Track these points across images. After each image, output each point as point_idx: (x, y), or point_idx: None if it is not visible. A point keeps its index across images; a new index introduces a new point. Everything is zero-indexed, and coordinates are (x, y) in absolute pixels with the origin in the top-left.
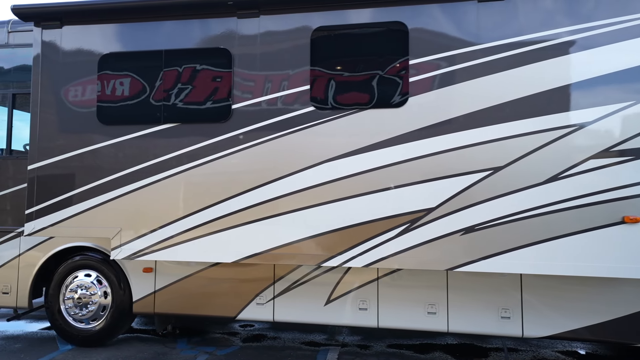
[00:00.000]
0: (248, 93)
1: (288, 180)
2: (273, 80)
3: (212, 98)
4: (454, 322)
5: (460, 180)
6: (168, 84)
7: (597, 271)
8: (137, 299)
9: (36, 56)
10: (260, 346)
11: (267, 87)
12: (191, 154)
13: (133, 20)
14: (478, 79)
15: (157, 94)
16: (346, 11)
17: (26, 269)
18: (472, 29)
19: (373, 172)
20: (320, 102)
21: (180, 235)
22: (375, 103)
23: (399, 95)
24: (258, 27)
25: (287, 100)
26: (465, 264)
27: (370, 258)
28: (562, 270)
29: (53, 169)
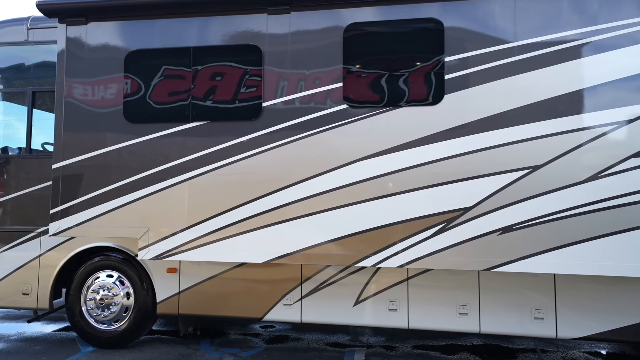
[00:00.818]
0: (279, 91)
1: (320, 180)
2: (304, 77)
3: (242, 96)
4: (486, 322)
5: (497, 179)
6: (197, 81)
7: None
8: (161, 300)
9: (60, 53)
10: (285, 347)
11: (299, 84)
12: (220, 152)
13: (160, 17)
14: (515, 76)
15: (185, 92)
16: (380, 7)
17: (47, 270)
18: (509, 25)
19: (408, 171)
20: (353, 100)
21: (210, 235)
22: (409, 101)
23: (434, 93)
24: (289, 24)
25: (319, 98)
26: (503, 264)
27: (405, 258)
28: (601, 270)
29: (78, 168)
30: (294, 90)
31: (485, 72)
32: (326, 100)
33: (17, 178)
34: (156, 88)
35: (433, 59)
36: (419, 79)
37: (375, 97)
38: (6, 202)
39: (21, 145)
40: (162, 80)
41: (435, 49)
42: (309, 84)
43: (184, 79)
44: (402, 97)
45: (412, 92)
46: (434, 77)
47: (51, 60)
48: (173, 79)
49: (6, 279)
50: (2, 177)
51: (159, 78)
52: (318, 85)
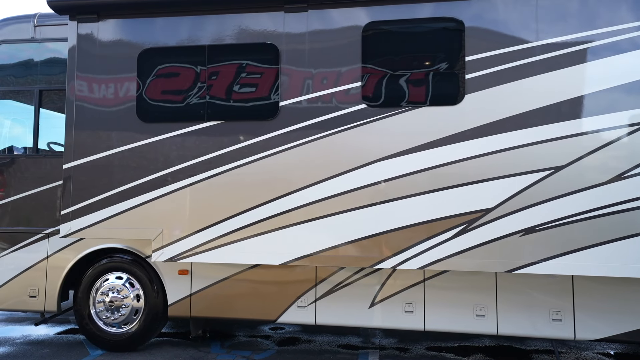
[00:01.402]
0: (296, 90)
1: (339, 180)
2: (322, 76)
3: (258, 95)
4: (504, 324)
5: (519, 180)
6: (212, 80)
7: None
8: (173, 302)
9: (71, 51)
10: (297, 350)
11: (316, 83)
12: (236, 152)
13: (174, 14)
14: (537, 76)
15: (200, 91)
16: (399, 6)
17: (55, 272)
18: (531, 25)
19: (428, 172)
20: (372, 99)
21: (226, 236)
22: (429, 100)
23: (455, 92)
24: (306, 22)
25: (338, 98)
26: (526, 265)
27: (425, 260)
28: (626, 272)
29: (90, 168)
30: (312, 90)
31: (507, 72)
32: (345, 100)
33: (23, 178)
34: (171, 87)
35: (453, 58)
36: (439, 78)
37: (395, 97)
38: (12, 203)
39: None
40: (176, 79)
41: (456, 49)
42: (327, 83)
43: (199, 77)
44: (422, 96)
45: (432, 91)
46: (455, 77)
47: (58, 58)
48: (188, 78)
49: (12, 281)
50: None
51: (173, 77)
52: (336, 85)
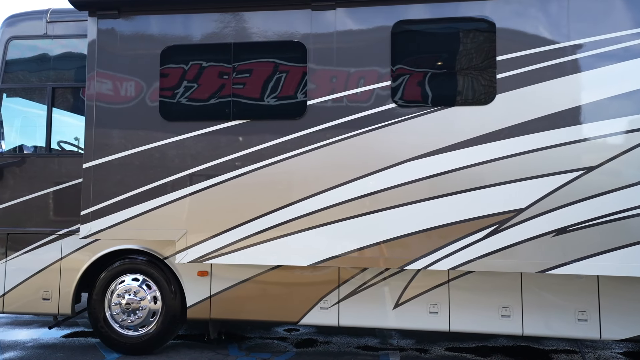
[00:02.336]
0: (324, 89)
1: (368, 180)
2: (350, 75)
3: (285, 94)
4: (529, 325)
5: (551, 180)
6: (237, 78)
7: None
8: (192, 304)
9: (91, 48)
10: (316, 351)
11: (345, 82)
12: (262, 152)
13: (198, 11)
14: (568, 76)
15: (225, 89)
16: (429, 5)
17: (69, 274)
18: (562, 25)
19: (459, 172)
20: (402, 99)
21: (252, 237)
22: (460, 100)
23: (486, 92)
24: (334, 20)
25: (366, 97)
26: (558, 266)
27: (456, 260)
28: None
29: (111, 168)
30: (340, 89)
31: (538, 72)
32: (374, 99)
33: (35, 178)
34: (195, 85)
35: (484, 58)
36: (470, 78)
37: (425, 97)
38: (24, 204)
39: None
40: (200, 77)
41: (487, 48)
42: (355, 82)
43: (224, 76)
44: (452, 96)
45: (463, 91)
46: (486, 77)
47: (72, 55)
48: (212, 76)
49: (25, 284)
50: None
51: (197, 75)
52: (365, 84)
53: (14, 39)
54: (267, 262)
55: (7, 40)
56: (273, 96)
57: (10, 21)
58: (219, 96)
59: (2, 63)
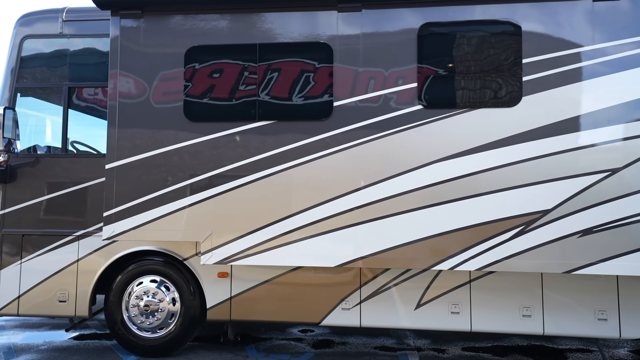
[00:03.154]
0: (351, 90)
1: (395, 181)
2: (377, 77)
3: (311, 95)
4: (550, 324)
5: (578, 181)
6: (263, 79)
7: None
8: (212, 305)
9: (114, 47)
10: (335, 352)
11: (371, 84)
12: (289, 153)
13: (223, 12)
14: (594, 79)
15: (250, 90)
16: (455, 7)
17: (86, 275)
18: (586, 28)
19: (485, 173)
20: (428, 100)
21: (278, 238)
22: (486, 102)
23: (512, 94)
24: (361, 22)
25: (393, 98)
26: (584, 266)
27: (484, 261)
28: None
29: (134, 169)
30: (367, 90)
31: (564, 74)
32: (400, 101)
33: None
34: (220, 85)
35: (510, 60)
36: (496, 80)
37: (451, 98)
38: (40, 205)
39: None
40: (225, 78)
41: (513, 51)
42: (382, 83)
43: (249, 76)
44: (478, 98)
45: (489, 93)
46: (512, 79)
47: (89, 55)
48: (238, 77)
49: (40, 285)
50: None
51: (222, 75)
52: (391, 85)
53: (29, 38)
54: (293, 263)
55: (21, 39)
56: (299, 97)
57: (24, 20)
58: (245, 97)
59: (17, 62)
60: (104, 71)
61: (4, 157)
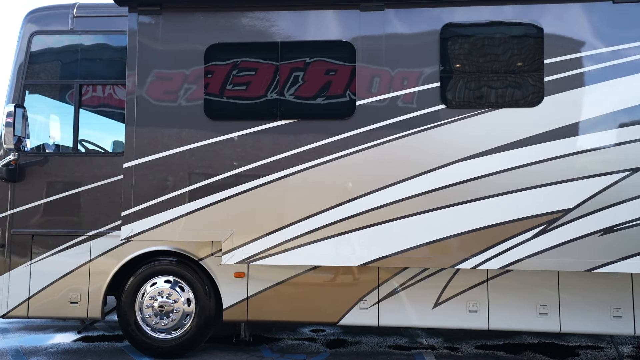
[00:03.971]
0: (373, 89)
1: (417, 181)
2: (400, 76)
3: (334, 93)
4: (566, 322)
5: (598, 180)
6: (285, 78)
7: None
8: (228, 305)
9: (132, 44)
10: (350, 352)
11: (394, 83)
12: (311, 152)
13: (244, 9)
14: (615, 80)
15: (272, 89)
16: (478, 7)
17: (98, 276)
18: (607, 30)
19: (507, 173)
20: (450, 100)
21: (300, 238)
22: (508, 102)
23: (533, 94)
24: (383, 21)
25: (416, 98)
26: (605, 264)
27: (506, 260)
28: None
29: (153, 168)
30: (389, 89)
31: (585, 75)
32: (423, 100)
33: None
34: (241, 84)
35: (532, 61)
36: (518, 80)
37: (474, 98)
38: (51, 204)
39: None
40: (247, 76)
41: (535, 51)
42: (404, 82)
43: (271, 75)
44: (500, 98)
45: (511, 93)
46: (534, 79)
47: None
48: (259, 75)
49: (51, 287)
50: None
51: (243, 73)
52: (414, 85)
53: (38, 34)
54: (315, 263)
55: (30, 35)
56: (321, 96)
57: (33, 16)
58: (266, 95)
59: (26, 58)
60: (117, 68)
61: (14, 156)
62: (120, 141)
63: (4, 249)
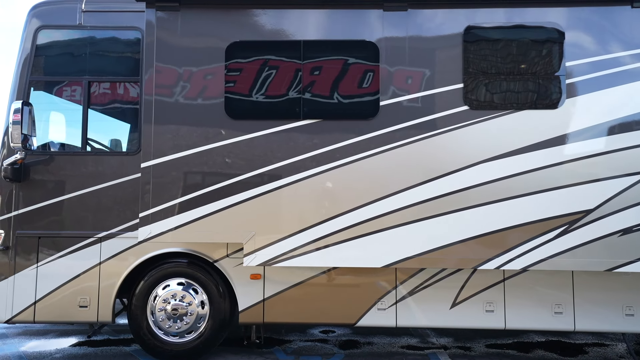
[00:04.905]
0: (397, 90)
1: (441, 182)
2: (423, 76)
3: (357, 93)
4: (581, 320)
5: (617, 182)
6: (308, 77)
7: None
8: (244, 308)
9: (149, 41)
10: (364, 353)
11: (417, 83)
12: (334, 152)
13: (266, 7)
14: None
15: (295, 88)
16: (499, 10)
17: (109, 279)
18: (626, 33)
19: (530, 174)
20: (473, 101)
21: (323, 239)
22: (530, 104)
23: (555, 96)
24: (406, 22)
25: (439, 99)
26: (625, 264)
27: (529, 260)
28: None
29: (172, 168)
30: (413, 90)
31: (605, 77)
32: (446, 101)
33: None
34: (263, 83)
35: (553, 63)
36: (539, 82)
37: (496, 100)
38: (57, 205)
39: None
40: (269, 75)
41: (556, 54)
42: (428, 83)
43: (293, 74)
44: (522, 100)
45: (533, 95)
46: (555, 82)
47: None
48: (281, 74)
49: (59, 291)
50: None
51: (265, 72)
52: (438, 86)
53: (44, 29)
54: (339, 264)
55: (35, 29)
56: (344, 96)
57: (39, 10)
58: (289, 95)
59: (31, 54)
60: (127, 65)
61: (21, 155)
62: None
63: (8, 251)
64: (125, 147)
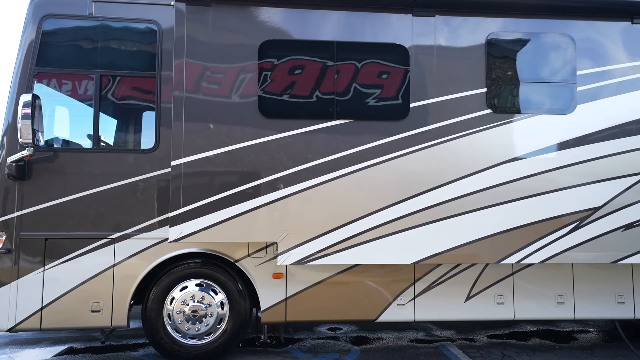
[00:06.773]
0: (426, 92)
1: (467, 181)
2: (449, 80)
3: (389, 95)
4: (580, 309)
5: (622, 181)
6: (341, 77)
7: None
8: (266, 307)
9: (179, 36)
10: (377, 348)
11: (444, 87)
12: (366, 152)
13: (299, 6)
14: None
15: (328, 88)
16: (519, 19)
17: (124, 282)
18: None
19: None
20: (496, 105)
21: (356, 237)
22: (546, 109)
23: (568, 102)
24: (434, 27)
25: (465, 102)
26: (627, 256)
27: (545, 254)
28: None
29: (204, 166)
30: (441, 93)
31: (614, 85)
32: (471, 105)
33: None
34: (297, 82)
35: (567, 71)
36: (554, 89)
37: (516, 104)
38: (67, 204)
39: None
40: (304, 74)
41: (568, 62)
42: (454, 86)
43: (326, 74)
44: (540, 104)
45: (549, 100)
46: (567, 88)
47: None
48: (314, 73)
49: (68, 295)
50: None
51: (299, 71)
52: (463, 89)
53: (50, 17)
54: (370, 261)
55: (40, 18)
56: (376, 97)
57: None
58: (322, 95)
59: (36, 44)
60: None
61: (29, 152)
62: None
63: (10, 254)
64: (142, 144)
